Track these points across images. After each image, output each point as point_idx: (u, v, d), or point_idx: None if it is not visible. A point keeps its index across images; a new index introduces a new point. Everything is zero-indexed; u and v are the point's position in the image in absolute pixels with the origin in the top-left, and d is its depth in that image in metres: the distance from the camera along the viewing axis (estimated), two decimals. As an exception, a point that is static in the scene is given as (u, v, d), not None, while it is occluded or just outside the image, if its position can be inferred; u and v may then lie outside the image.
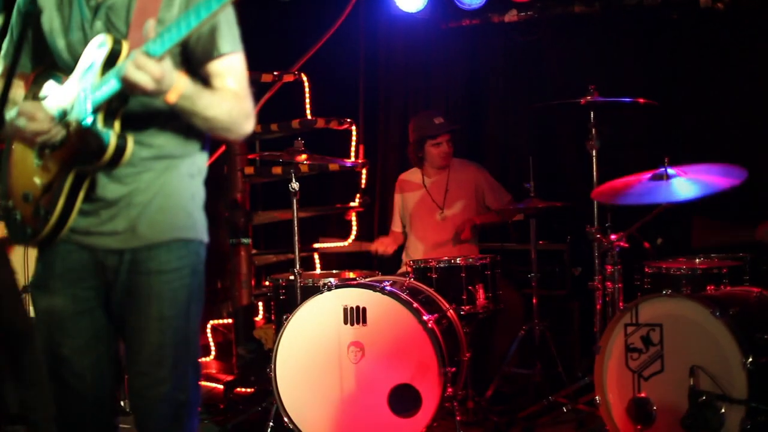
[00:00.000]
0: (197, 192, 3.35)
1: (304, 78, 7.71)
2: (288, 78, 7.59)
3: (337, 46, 7.56)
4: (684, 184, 5.02)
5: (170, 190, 3.26)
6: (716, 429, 4.51)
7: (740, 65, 6.76)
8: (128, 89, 2.94)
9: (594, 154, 5.70)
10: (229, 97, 3.16)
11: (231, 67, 3.20)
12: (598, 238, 5.54)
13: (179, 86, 2.99)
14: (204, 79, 3.20)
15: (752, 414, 4.44)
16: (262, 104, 7.42)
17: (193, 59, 3.21)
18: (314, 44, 7.45)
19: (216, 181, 7.33)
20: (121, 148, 3.05)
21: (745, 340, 4.54)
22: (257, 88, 7.45)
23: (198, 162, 3.36)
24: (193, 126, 3.18)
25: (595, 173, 5.68)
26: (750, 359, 4.46)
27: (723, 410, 4.51)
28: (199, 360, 3.39)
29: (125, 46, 3.05)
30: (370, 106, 8.20)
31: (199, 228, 3.34)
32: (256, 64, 7.38)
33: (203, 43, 3.17)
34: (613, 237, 5.43)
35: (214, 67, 3.19)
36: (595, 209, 5.66)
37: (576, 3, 7.18)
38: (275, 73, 7.50)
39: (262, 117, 7.33)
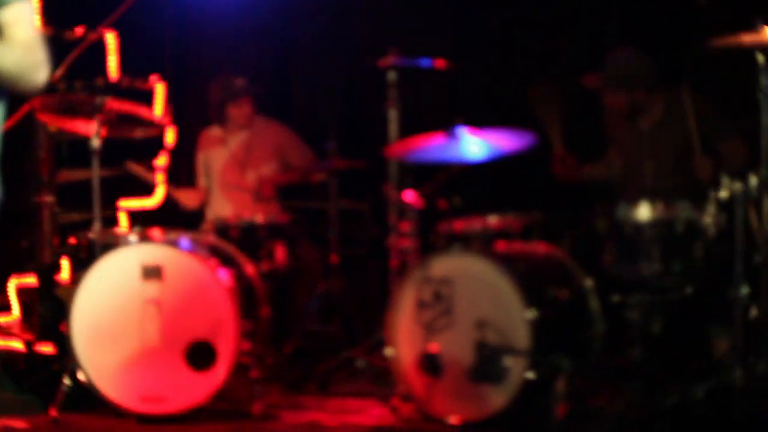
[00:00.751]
0: None
1: (110, 36, 7.57)
2: (94, 36, 7.44)
3: (145, 4, 7.45)
4: (475, 145, 5.17)
5: None
6: (500, 380, 4.68)
7: (544, 29, 6.96)
8: None
9: (393, 115, 5.78)
10: (16, 47, 3.11)
11: (19, 15, 3.16)
12: (395, 197, 5.63)
13: None
14: None
15: (534, 365, 4.63)
16: (68, 62, 7.27)
17: None
18: (122, 2, 7.32)
19: (21, 139, 7.17)
20: None
21: (529, 294, 4.71)
22: (63, 45, 7.30)
23: None
24: None
25: (394, 134, 5.76)
26: (532, 313, 4.63)
27: (507, 362, 4.68)
28: None
29: None
30: (178, 65, 8.11)
31: None
32: (61, 21, 7.30)
33: None
34: (409, 196, 5.53)
35: (2, 17, 3.14)
36: (394, 169, 5.74)
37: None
38: (81, 30, 7.35)
39: (68, 75, 7.17)
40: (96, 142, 5.65)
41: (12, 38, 3.13)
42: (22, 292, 7.75)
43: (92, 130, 5.70)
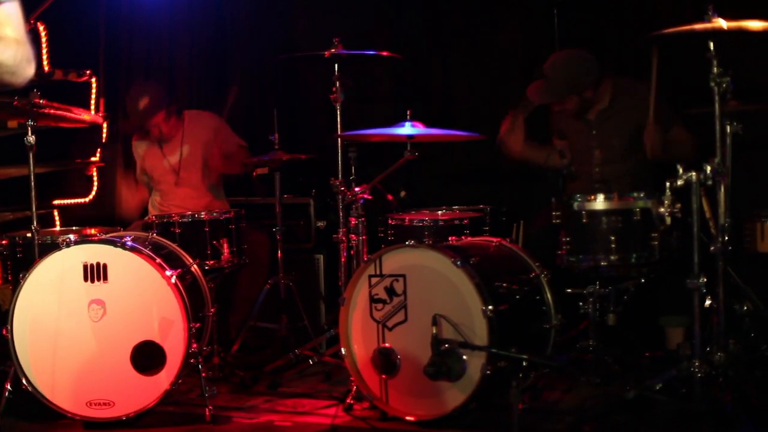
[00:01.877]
0: None
1: (41, 27, 7.39)
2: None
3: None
4: (421, 137, 5.14)
5: None
6: (459, 375, 4.61)
7: (486, 22, 6.94)
8: None
9: (338, 106, 5.69)
10: (11, 44, 3.19)
11: (8, 14, 3.23)
12: (342, 191, 5.52)
13: None
14: None
15: (493, 359, 4.56)
16: None
17: None
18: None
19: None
20: None
21: (485, 288, 4.64)
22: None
23: None
24: None
25: (339, 126, 5.67)
26: (490, 307, 4.57)
27: (465, 357, 4.61)
28: None
29: None
30: (112, 58, 7.95)
31: None
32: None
33: None
34: (356, 189, 5.44)
35: None
36: (340, 162, 5.65)
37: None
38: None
39: None
40: (30, 139, 5.49)
41: (5, 36, 3.20)
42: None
43: (25, 126, 5.52)
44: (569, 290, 5.20)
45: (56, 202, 7.55)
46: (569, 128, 6.05)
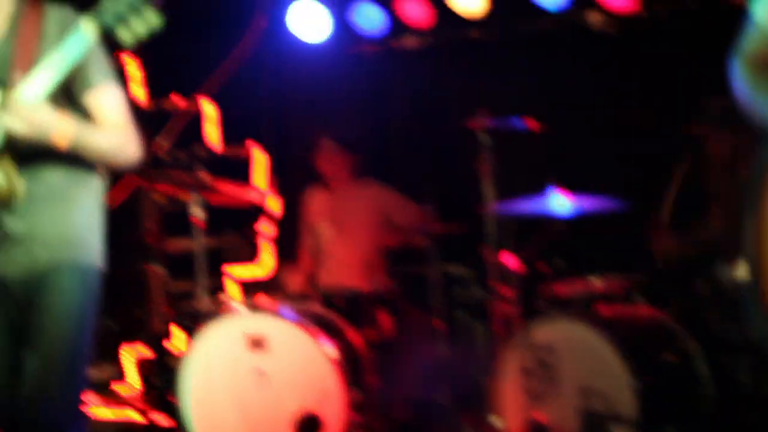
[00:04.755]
0: (94, 221, 3.54)
1: (210, 106, 7.73)
2: (194, 106, 7.62)
3: (243, 74, 7.58)
4: (571, 206, 5.17)
5: (68, 221, 3.44)
6: (608, 449, 4.63)
7: (631, 91, 6.91)
8: (10, 136, 3.12)
9: (486, 176, 5.75)
10: (111, 129, 3.38)
11: (107, 97, 3.42)
12: (493, 261, 5.60)
13: (61, 128, 3.19)
14: (85, 111, 3.39)
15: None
16: (169, 132, 7.44)
17: (72, 94, 3.38)
18: (219, 72, 7.47)
19: (129, 210, 7.35)
20: (11, 190, 3.24)
21: (635, 361, 4.64)
22: (163, 115, 7.49)
23: (93, 191, 3.54)
24: (84, 159, 3.37)
25: (488, 195, 5.73)
26: (639, 380, 4.57)
27: (614, 431, 4.62)
28: (86, 383, 3.51)
29: (9, 96, 3.17)
30: (277, 132, 8.22)
31: (94, 255, 3.52)
32: (162, 92, 7.49)
33: (77, 78, 3.34)
34: (508, 260, 5.50)
35: (92, 99, 3.40)
36: (492, 232, 5.71)
37: (473, 28, 7.26)
38: (181, 100, 7.53)
39: (171, 145, 7.34)
40: (199, 212, 5.75)
41: (105, 120, 3.39)
42: (133, 360, 7.91)
43: (196, 200, 5.79)
44: (723, 361, 5.13)
45: (225, 271, 7.82)
46: (722, 190, 5.94)
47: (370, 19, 7.41)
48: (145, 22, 2.99)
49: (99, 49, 3.36)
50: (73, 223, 3.45)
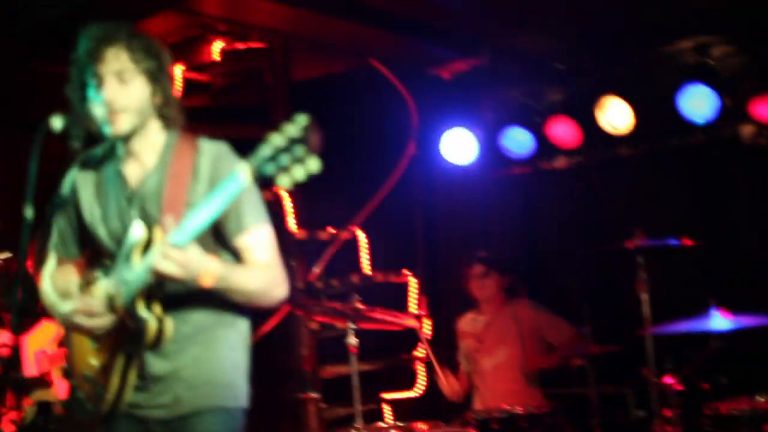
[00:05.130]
0: (240, 362, 3.53)
1: (361, 234, 7.86)
2: (345, 235, 7.75)
3: (392, 200, 7.70)
4: (731, 324, 5.04)
5: (213, 363, 3.43)
6: None
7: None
8: (159, 277, 3.12)
9: (644, 296, 5.69)
10: (259, 270, 3.34)
11: (258, 239, 3.38)
12: (654, 381, 5.49)
13: (210, 269, 3.16)
14: (234, 251, 3.39)
15: None
16: (322, 262, 7.57)
17: (222, 235, 3.38)
18: (370, 201, 7.61)
19: (284, 337, 7.45)
20: (160, 332, 3.24)
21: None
22: (316, 245, 7.63)
23: (240, 331, 3.53)
24: (230, 300, 3.35)
25: (647, 315, 5.65)
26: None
27: None
28: None
29: (157, 234, 3.21)
30: (428, 257, 8.28)
31: (240, 396, 3.50)
32: (313, 223, 7.65)
33: (228, 220, 3.34)
34: (669, 380, 5.39)
35: (242, 241, 3.37)
36: (651, 351, 5.62)
37: (622, 145, 7.25)
38: (332, 230, 7.67)
39: (323, 273, 7.46)
40: (353, 340, 5.81)
41: (254, 261, 3.36)
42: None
43: (350, 328, 5.86)
44: None
45: (384, 396, 7.82)
46: None
47: (518, 142, 7.46)
48: (305, 168, 2.82)
49: (253, 188, 3.27)
50: (219, 365, 3.44)
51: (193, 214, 3.06)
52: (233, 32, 7.27)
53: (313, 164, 2.82)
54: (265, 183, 3.01)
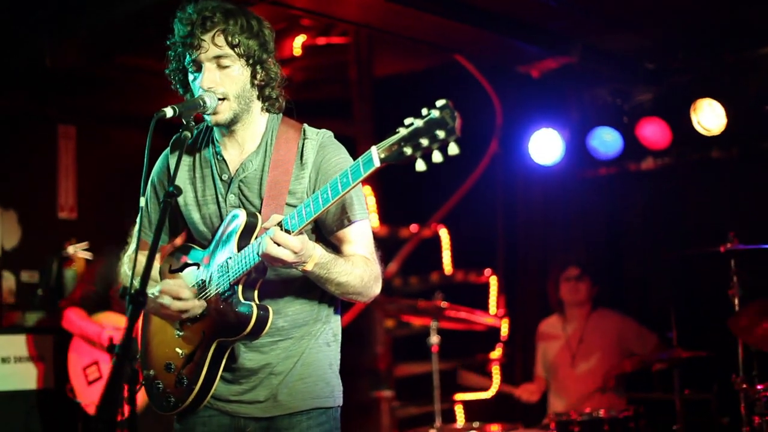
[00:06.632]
0: (334, 359, 3.42)
1: (443, 232, 7.80)
2: (426, 233, 7.69)
3: (474, 199, 7.65)
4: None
5: (309, 359, 3.33)
6: None
7: None
8: (268, 262, 3.01)
9: (736, 302, 5.57)
10: (360, 263, 3.22)
11: (360, 233, 3.28)
12: (744, 388, 5.36)
13: (315, 256, 3.04)
14: (333, 244, 3.29)
15: None
16: (401, 258, 7.52)
17: (324, 227, 3.28)
18: (451, 199, 7.55)
19: (359, 334, 7.41)
20: (263, 320, 3.13)
21: None
22: (396, 242, 7.58)
23: (333, 327, 3.42)
24: (326, 293, 3.25)
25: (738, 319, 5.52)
26: None
27: None
28: None
29: (260, 220, 3.15)
30: (509, 256, 8.20)
31: (336, 395, 3.39)
32: (395, 220, 7.60)
33: (335, 213, 3.23)
34: (759, 386, 5.26)
35: (345, 234, 3.27)
36: (741, 358, 5.50)
37: (713, 148, 7.11)
38: (414, 227, 7.61)
39: (402, 271, 7.41)
40: (434, 339, 5.76)
41: (354, 255, 3.24)
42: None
43: (431, 326, 5.81)
44: None
45: (459, 397, 7.75)
46: None
47: (606, 142, 7.34)
48: (444, 151, 2.72)
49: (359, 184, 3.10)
50: (315, 361, 3.33)
51: (306, 202, 2.97)
52: (316, 27, 7.22)
53: (453, 147, 2.72)
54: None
